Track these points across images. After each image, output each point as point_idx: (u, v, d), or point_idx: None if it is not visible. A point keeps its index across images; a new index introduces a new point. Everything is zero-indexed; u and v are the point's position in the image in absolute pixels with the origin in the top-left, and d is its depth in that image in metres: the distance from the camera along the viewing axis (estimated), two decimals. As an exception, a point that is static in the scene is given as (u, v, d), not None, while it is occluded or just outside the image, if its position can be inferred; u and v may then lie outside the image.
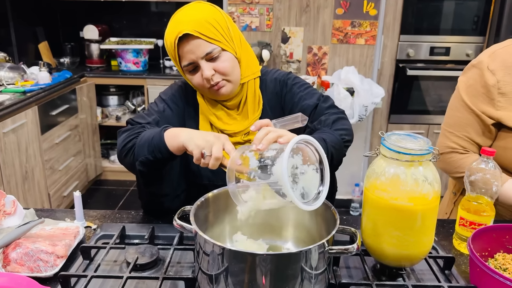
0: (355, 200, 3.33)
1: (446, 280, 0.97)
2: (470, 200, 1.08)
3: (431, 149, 0.88)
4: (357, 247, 0.84)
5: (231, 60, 1.16)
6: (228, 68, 1.15)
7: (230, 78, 1.17)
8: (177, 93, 1.28)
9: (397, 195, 0.88)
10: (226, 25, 1.16)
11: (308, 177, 0.87)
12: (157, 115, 1.23)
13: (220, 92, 1.17)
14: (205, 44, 1.12)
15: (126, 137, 1.16)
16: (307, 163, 0.88)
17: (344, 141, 1.16)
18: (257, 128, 0.95)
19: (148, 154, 1.08)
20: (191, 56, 1.13)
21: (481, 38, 3.21)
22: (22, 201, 2.65)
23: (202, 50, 1.12)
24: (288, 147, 0.81)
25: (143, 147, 1.09)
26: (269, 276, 0.79)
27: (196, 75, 1.16)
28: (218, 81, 1.15)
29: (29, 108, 2.70)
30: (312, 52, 3.29)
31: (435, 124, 3.36)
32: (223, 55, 1.14)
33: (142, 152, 1.09)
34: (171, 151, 1.06)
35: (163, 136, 1.06)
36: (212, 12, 1.15)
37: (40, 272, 0.94)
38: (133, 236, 1.11)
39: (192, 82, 1.19)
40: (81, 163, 3.46)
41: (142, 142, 1.10)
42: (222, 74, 1.15)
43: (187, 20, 1.11)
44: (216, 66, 1.14)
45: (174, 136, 1.05)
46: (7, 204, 1.18)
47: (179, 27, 1.11)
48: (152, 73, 3.59)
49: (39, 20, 3.76)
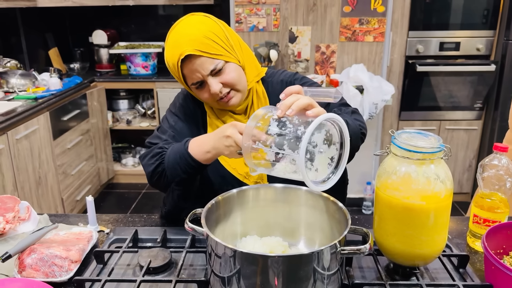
0: (367, 199, 3.31)
1: (461, 278, 0.96)
2: (484, 197, 1.07)
3: (442, 146, 0.87)
4: (370, 247, 0.83)
5: (236, 70, 1.15)
6: (235, 78, 1.15)
7: (239, 87, 1.16)
8: (184, 102, 1.28)
9: (409, 194, 0.87)
10: (225, 35, 1.15)
11: (324, 157, 0.85)
12: (171, 130, 1.23)
13: (230, 104, 1.17)
14: (208, 60, 1.11)
15: (152, 162, 1.15)
16: (327, 143, 0.85)
17: (361, 132, 1.15)
18: (287, 95, 0.93)
19: (182, 174, 1.09)
20: (197, 75, 1.13)
21: (491, 32, 3.17)
22: (36, 206, 2.69)
23: (206, 68, 1.11)
24: (315, 121, 0.78)
25: (174, 169, 1.10)
26: (282, 277, 0.79)
27: (203, 90, 1.16)
28: (227, 92, 1.15)
29: (41, 114, 2.73)
30: (320, 51, 3.28)
31: (446, 120, 3.33)
32: (227, 67, 1.14)
33: (175, 173, 1.10)
34: (202, 163, 1.07)
35: (189, 152, 1.07)
36: (209, 26, 1.13)
37: (55, 277, 0.95)
38: (145, 240, 1.12)
39: (200, 97, 1.19)
40: (93, 167, 3.49)
41: (170, 164, 1.11)
42: (230, 85, 1.15)
43: (186, 40, 1.10)
44: (223, 79, 1.13)
45: (200, 146, 1.06)
46: (22, 210, 1.20)
47: (179, 48, 1.10)
48: (161, 76, 3.61)
49: (49, 26, 3.80)
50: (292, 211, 1.03)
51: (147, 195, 3.64)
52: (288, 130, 0.83)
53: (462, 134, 3.36)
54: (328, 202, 0.97)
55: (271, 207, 0.99)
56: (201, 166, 1.08)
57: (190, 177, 1.11)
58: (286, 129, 0.83)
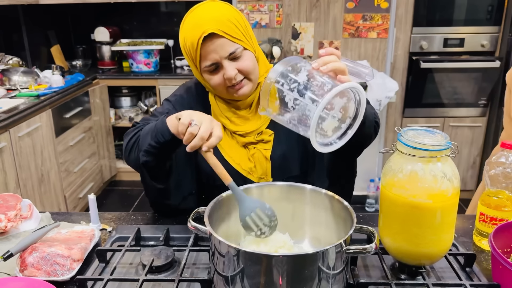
0: (370, 196, 3.30)
1: (468, 278, 0.95)
2: (490, 195, 1.06)
3: (449, 144, 0.85)
4: (376, 247, 0.82)
5: (252, 59, 1.15)
6: (250, 67, 1.14)
7: (252, 77, 1.15)
8: (185, 94, 1.27)
9: (415, 192, 0.86)
10: (245, 23, 1.15)
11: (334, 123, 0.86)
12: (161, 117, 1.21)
13: (240, 92, 1.15)
14: (229, 43, 1.10)
15: (130, 135, 1.17)
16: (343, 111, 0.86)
17: (375, 120, 1.14)
18: (327, 52, 0.94)
19: (151, 140, 1.07)
20: (215, 56, 1.11)
21: (496, 28, 3.15)
22: (39, 204, 2.69)
23: (226, 50, 1.10)
24: (342, 86, 0.80)
25: (146, 137, 1.09)
26: (286, 277, 0.78)
27: (217, 75, 1.14)
28: (240, 80, 1.14)
29: (43, 112, 2.73)
30: (323, 47, 3.26)
31: (450, 117, 3.31)
32: (245, 54, 1.13)
33: (146, 141, 1.09)
34: (173, 132, 1.04)
35: (165, 121, 1.06)
36: (232, 11, 1.14)
37: (57, 276, 0.94)
38: (148, 238, 1.11)
39: (210, 82, 1.16)
40: (96, 165, 3.48)
41: (145, 132, 1.11)
42: (245, 73, 1.14)
43: (210, 19, 1.09)
44: (239, 66, 1.12)
45: (176, 116, 1.03)
46: (23, 208, 1.19)
47: (202, 27, 1.08)
48: (163, 73, 3.60)
49: (51, 24, 3.80)
50: (296, 210, 1.02)
51: (149, 192, 3.64)
52: (315, 83, 0.83)
53: (466, 131, 3.34)
54: (333, 200, 0.96)
55: (275, 206, 0.98)
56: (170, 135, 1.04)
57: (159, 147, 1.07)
58: (313, 82, 0.83)
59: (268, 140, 1.21)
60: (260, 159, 1.21)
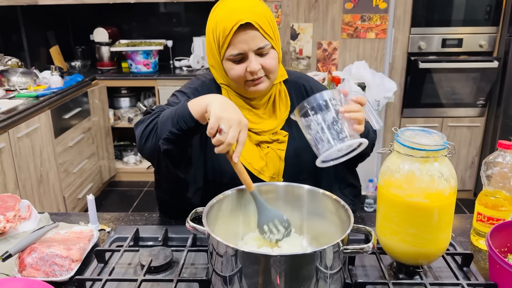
0: (369, 196, 3.30)
1: (465, 277, 0.95)
2: (488, 195, 1.06)
3: (446, 144, 0.86)
4: (373, 246, 0.83)
5: (276, 59, 1.16)
6: (273, 66, 1.14)
7: (271, 76, 1.16)
8: (200, 88, 1.23)
9: (412, 192, 0.86)
10: (275, 24, 1.16)
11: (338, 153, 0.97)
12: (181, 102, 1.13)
13: (258, 88, 1.15)
14: (261, 38, 1.11)
15: (146, 122, 1.09)
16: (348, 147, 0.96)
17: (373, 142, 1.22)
18: (357, 100, 1.00)
19: (172, 127, 1.01)
20: (244, 47, 1.10)
21: (494, 28, 3.15)
22: (38, 205, 2.68)
23: (256, 43, 1.10)
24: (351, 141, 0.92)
25: (166, 123, 1.03)
26: (284, 276, 0.78)
27: (239, 66, 1.13)
28: (261, 76, 1.14)
29: (42, 112, 2.73)
30: (322, 48, 3.27)
31: (449, 117, 3.31)
32: (271, 53, 1.14)
33: (166, 127, 1.02)
34: (196, 118, 1.00)
35: (186, 105, 1.01)
36: (267, 8, 1.15)
37: (56, 276, 0.95)
38: (146, 238, 1.11)
39: (231, 71, 1.14)
40: (95, 165, 3.48)
41: (164, 118, 1.04)
42: (267, 71, 1.14)
43: (247, 9, 1.09)
44: (264, 62, 1.13)
45: (199, 100, 1.00)
46: (22, 209, 1.19)
47: (239, 15, 1.08)
48: (162, 74, 3.60)
49: (50, 24, 3.79)
50: (294, 210, 1.02)
51: (148, 193, 3.64)
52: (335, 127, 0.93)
53: (465, 131, 3.34)
54: (331, 200, 0.96)
55: (273, 205, 0.98)
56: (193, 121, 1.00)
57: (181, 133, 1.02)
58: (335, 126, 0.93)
59: (283, 140, 1.22)
60: (274, 158, 1.20)
